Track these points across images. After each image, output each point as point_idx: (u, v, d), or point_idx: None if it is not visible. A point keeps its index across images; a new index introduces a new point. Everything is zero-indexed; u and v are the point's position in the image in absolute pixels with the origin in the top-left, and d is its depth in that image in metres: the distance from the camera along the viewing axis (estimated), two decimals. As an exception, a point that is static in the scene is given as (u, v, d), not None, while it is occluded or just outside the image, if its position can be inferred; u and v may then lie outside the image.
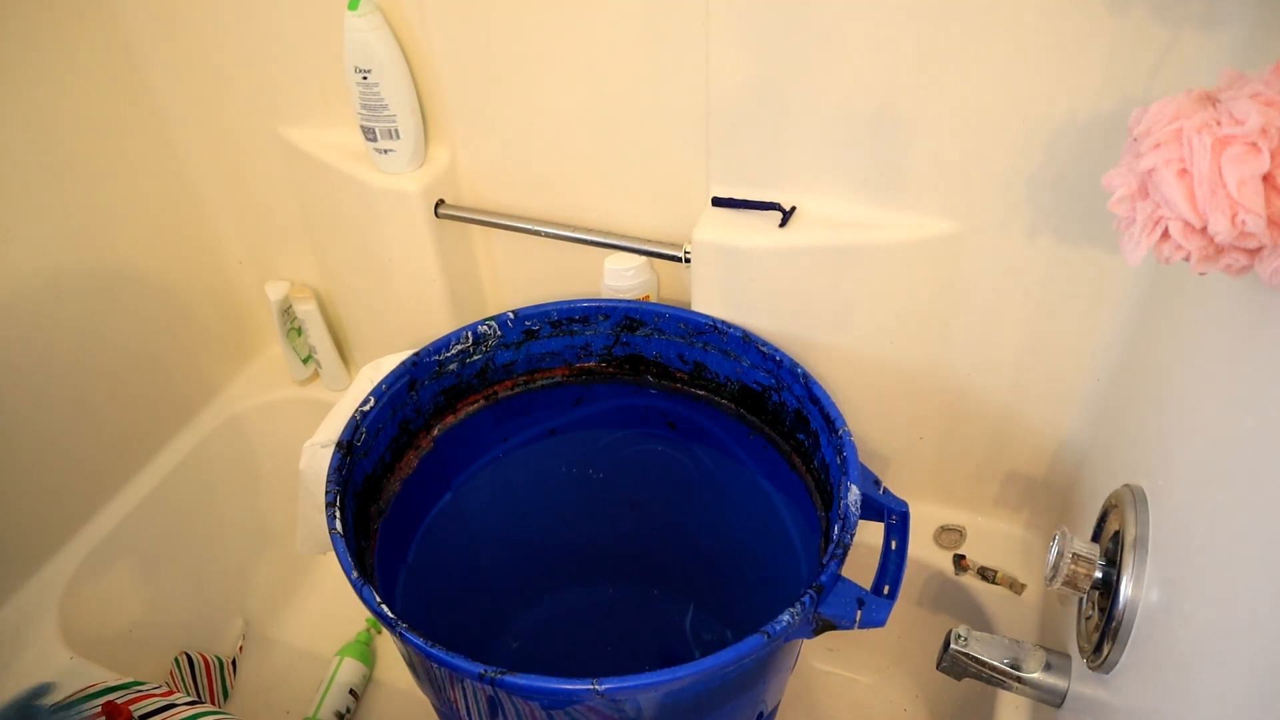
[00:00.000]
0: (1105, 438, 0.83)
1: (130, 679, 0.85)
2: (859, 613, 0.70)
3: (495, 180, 1.02)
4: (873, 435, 1.01)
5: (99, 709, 0.77)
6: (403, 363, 0.92)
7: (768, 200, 0.86)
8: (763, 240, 0.85)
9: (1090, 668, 0.64)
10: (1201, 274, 0.47)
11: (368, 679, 1.21)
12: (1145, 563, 0.58)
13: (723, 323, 0.93)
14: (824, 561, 0.72)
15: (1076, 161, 0.73)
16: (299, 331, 1.25)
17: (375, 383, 0.90)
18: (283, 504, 1.18)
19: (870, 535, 0.96)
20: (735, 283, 0.90)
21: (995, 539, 1.03)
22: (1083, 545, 0.65)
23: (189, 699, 0.81)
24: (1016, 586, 0.98)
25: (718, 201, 0.88)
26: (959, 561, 1.00)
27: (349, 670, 1.18)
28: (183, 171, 1.15)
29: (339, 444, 0.84)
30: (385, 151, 0.97)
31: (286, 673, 1.23)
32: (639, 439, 1.06)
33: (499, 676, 0.64)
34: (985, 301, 0.85)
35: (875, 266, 0.85)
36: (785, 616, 0.67)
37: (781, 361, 0.90)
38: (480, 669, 0.64)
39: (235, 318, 1.29)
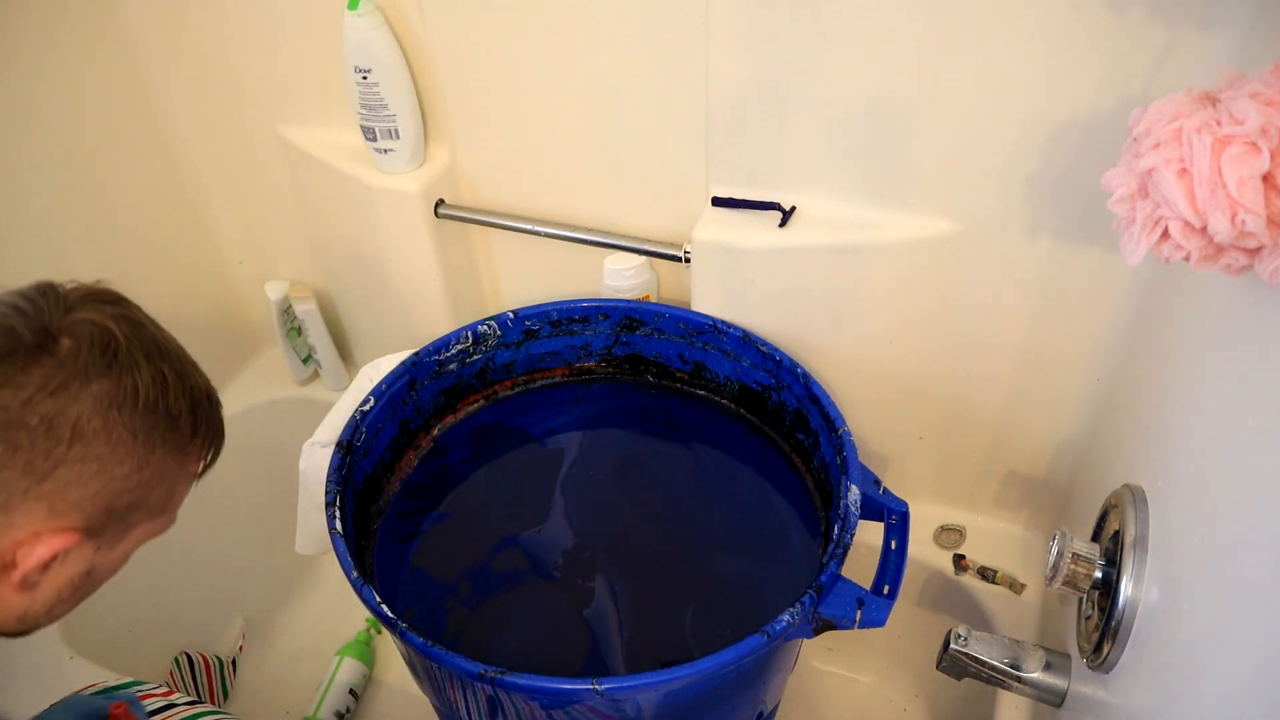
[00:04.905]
0: (1105, 438, 0.83)
1: (130, 679, 0.85)
2: (859, 612, 0.70)
3: (495, 180, 1.02)
4: (873, 435, 1.01)
5: None
6: (403, 362, 0.92)
7: (767, 200, 0.86)
8: (762, 240, 0.85)
9: (1090, 667, 0.64)
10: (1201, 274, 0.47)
11: (368, 679, 1.21)
12: (1145, 563, 0.58)
13: (723, 323, 0.93)
14: (824, 561, 0.72)
15: (1076, 161, 0.73)
16: (299, 331, 1.25)
17: (375, 383, 0.90)
18: (283, 504, 1.17)
19: (870, 535, 0.96)
20: (735, 283, 0.90)
21: (995, 539, 1.03)
22: (1083, 545, 0.65)
23: (189, 699, 0.81)
24: (1016, 586, 0.98)
25: (718, 201, 0.88)
26: (959, 561, 1.00)
27: (349, 670, 1.18)
28: (183, 171, 1.14)
29: (339, 444, 0.84)
30: (385, 151, 0.97)
31: (286, 673, 1.23)
32: (639, 439, 1.06)
33: (499, 676, 0.64)
34: (985, 301, 0.85)
35: (875, 266, 0.85)
36: (785, 616, 0.67)
37: (781, 361, 0.90)
38: (480, 669, 0.64)
39: (235, 318, 1.29)
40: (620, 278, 0.99)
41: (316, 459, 0.86)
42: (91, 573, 0.57)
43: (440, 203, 1.01)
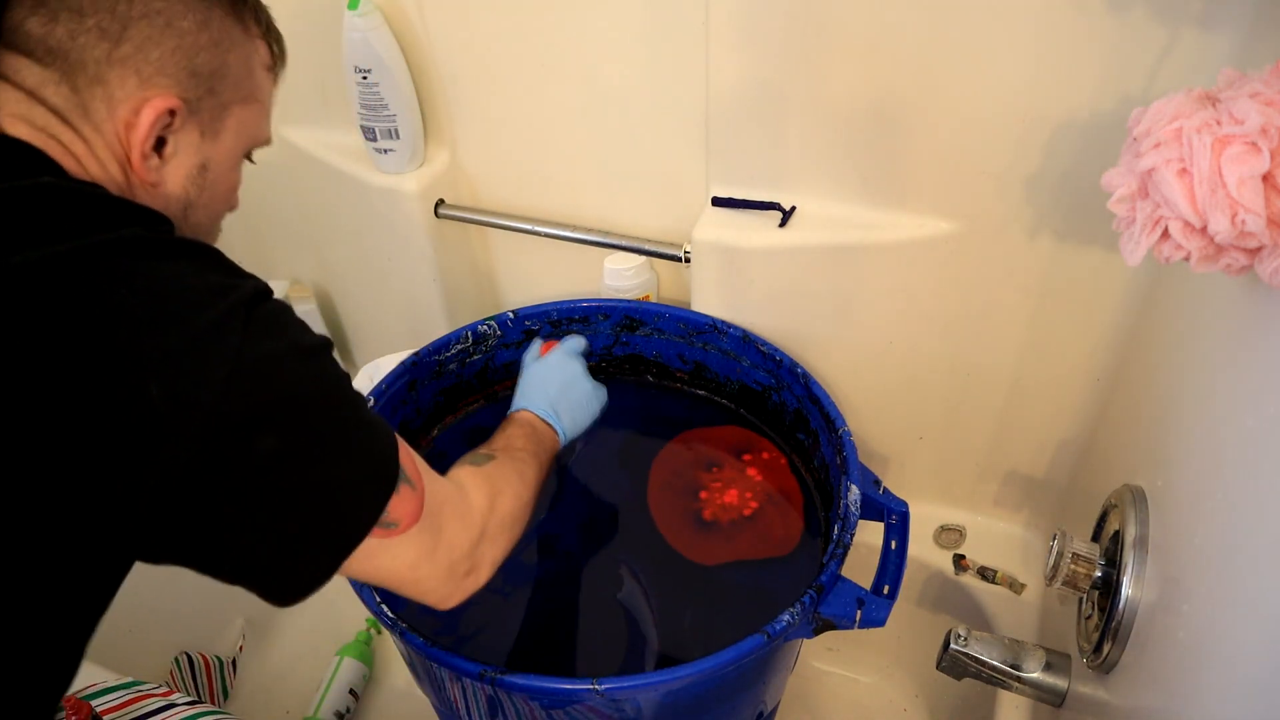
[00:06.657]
0: (1105, 438, 0.83)
1: (130, 679, 0.85)
2: (859, 612, 0.70)
3: (495, 180, 1.02)
4: (873, 435, 1.01)
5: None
6: (402, 362, 0.92)
7: (767, 200, 0.86)
8: (762, 240, 0.85)
9: (1090, 667, 0.64)
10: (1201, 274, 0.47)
11: (368, 679, 1.21)
12: (1145, 563, 0.58)
13: (723, 323, 0.93)
14: (824, 561, 0.73)
15: (1076, 161, 0.73)
16: (299, 331, 1.25)
17: (375, 382, 0.90)
18: (283, 504, 1.18)
19: (870, 535, 0.96)
20: (735, 282, 0.90)
21: (995, 539, 1.03)
22: (1083, 545, 0.65)
23: (189, 699, 0.81)
24: (1016, 586, 0.98)
25: (718, 201, 0.88)
26: (959, 561, 1.00)
27: (349, 670, 1.18)
28: (183, 171, 1.15)
29: (339, 444, 0.84)
30: (385, 151, 0.97)
31: (286, 673, 1.23)
32: (639, 438, 1.06)
33: (499, 676, 0.64)
34: (985, 301, 0.85)
35: (875, 266, 0.85)
36: (785, 616, 0.67)
37: (781, 361, 0.90)
38: (480, 668, 0.64)
39: (235, 318, 1.29)
40: (620, 278, 0.99)
41: (316, 459, 0.86)
42: (206, 167, 0.59)
43: (440, 203, 1.01)
